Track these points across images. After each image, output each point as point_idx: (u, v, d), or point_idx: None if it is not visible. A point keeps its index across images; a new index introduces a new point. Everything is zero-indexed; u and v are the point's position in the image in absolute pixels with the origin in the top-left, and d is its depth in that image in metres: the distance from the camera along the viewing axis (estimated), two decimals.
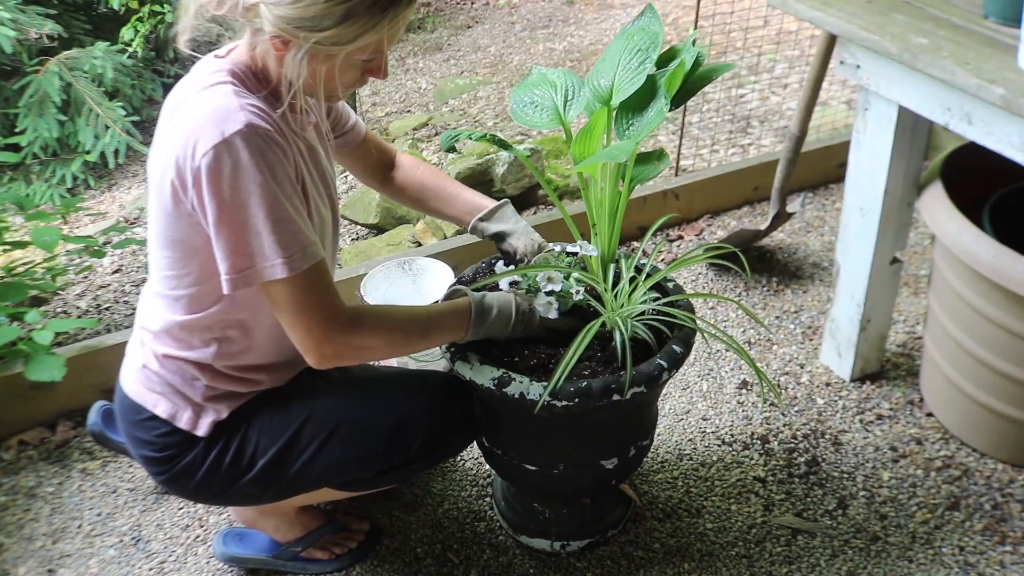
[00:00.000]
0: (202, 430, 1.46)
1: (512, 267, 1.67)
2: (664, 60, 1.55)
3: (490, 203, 1.71)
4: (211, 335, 1.42)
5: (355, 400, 1.53)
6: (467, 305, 1.47)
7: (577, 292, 1.53)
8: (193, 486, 1.49)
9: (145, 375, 1.48)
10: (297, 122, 1.37)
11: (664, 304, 1.56)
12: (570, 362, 1.42)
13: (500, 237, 1.69)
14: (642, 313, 1.55)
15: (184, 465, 1.47)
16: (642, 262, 1.66)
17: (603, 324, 1.50)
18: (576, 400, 1.43)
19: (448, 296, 1.56)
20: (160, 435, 1.47)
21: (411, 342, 1.45)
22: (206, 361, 1.43)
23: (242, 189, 1.23)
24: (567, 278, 1.55)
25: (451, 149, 1.59)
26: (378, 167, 1.75)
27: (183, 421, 1.46)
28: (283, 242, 1.26)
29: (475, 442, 1.69)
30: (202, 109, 1.26)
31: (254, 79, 1.33)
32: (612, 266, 1.62)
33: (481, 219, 1.69)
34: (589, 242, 1.61)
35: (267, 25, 1.23)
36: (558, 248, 1.79)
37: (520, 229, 1.69)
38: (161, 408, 1.46)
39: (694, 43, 1.54)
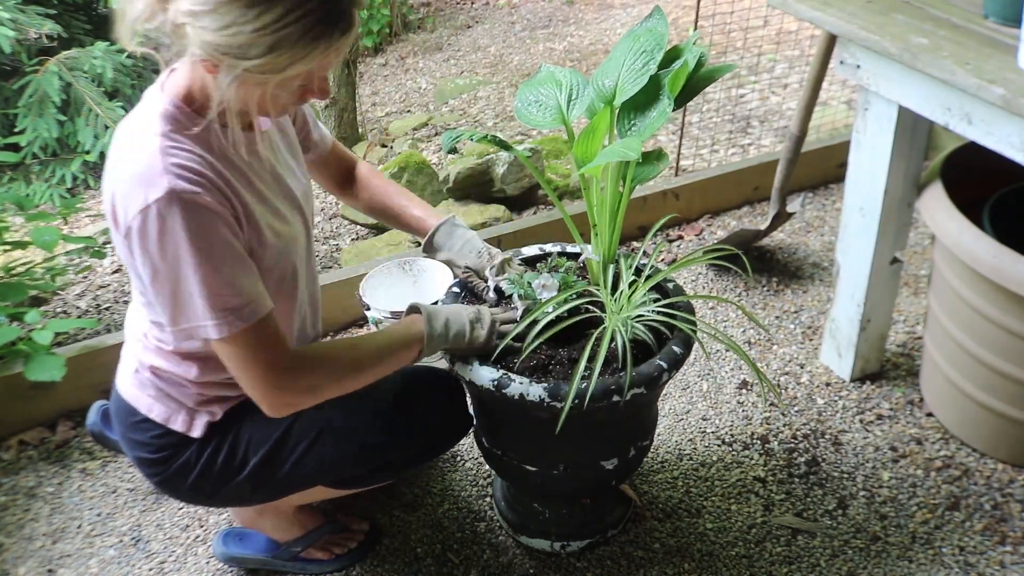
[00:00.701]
0: (197, 431, 1.47)
1: (503, 276, 1.67)
2: (666, 60, 1.55)
3: (431, 220, 1.70)
4: (193, 359, 1.43)
5: (344, 397, 1.53)
6: (419, 327, 1.45)
7: (541, 290, 1.54)
8: (187, 487, 1.50)
9: (139, 379, 1.48)
10: (229, 140, 1.32)
11: (664, 306, 1.56)
12: (584, 371, 1.41)
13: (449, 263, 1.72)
14: (642, 313, 1.55)
15: (178, 466, 1.48)
16: (642, 263, 1.66)
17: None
18: (576, 401, 1.43)
19: (407, 313, 1.53)
20: (155, 436, 1.47)
21: (361, 377, 1.42)
22: (192, 378, 1.44)
23: (169, 254, 1.23)
24: (563, 285, 1.55)
25: (453, 150, 1.59)
26: (339, 176, 1.74)
27: (177, 424, 1.47)
28: (214, 305, 1.25)
29: (475, 442, 1.69)
30: (130, 168, 1.24)
31: (191, 109, 1.29)
32: (612, 267, 1.62)
33: (425, 252, 1.70)
34: (590, 243, 1.61)
35: (194, 48, 1.18)
36: (556, 249, 1.80)
37: (459, 253, 1.68)
38: (155, 412, 1.47)
39: (695, 43, 1.54)
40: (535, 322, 1.48)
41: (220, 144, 1.31)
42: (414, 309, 1.51)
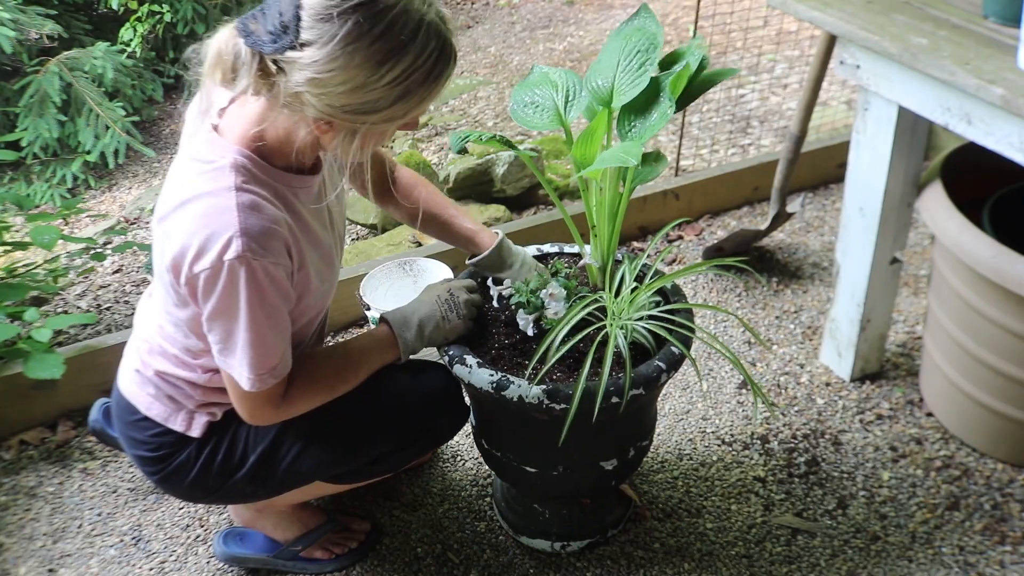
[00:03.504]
0: (196, 431, 1.48)
1: (507, 283, 1.67)
2: (667, 62, 1.55)
3: (486, 237, 1.67)
4: (209, 366, 1.44)
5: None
6: (387, 331, 1.52)
7: (553, 309, 1.54)
8: (186, 485, 1.51)
9: (141, 378, 1.49)
10: (311, 191, 1.38)
11: (665, 311, 1.56)
12: (588, 373, 1.41)
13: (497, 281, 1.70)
14: (641, 317, 1.55)
15: (177, 464, 1.49)
16: (645, 263, 1.66)
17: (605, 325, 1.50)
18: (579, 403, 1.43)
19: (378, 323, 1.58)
20: (154, 435, 1.49)
21: (342, 388, 1.48)
22: (200, 383, 1.45)
23: (230, 308, 1.27)
24: (568, 296, 1.55)
25: (462, 151, 1.59)
26: (376, 180, 1.70)
27: (176, 423, 1.48)
28: (255, 364, 1.31)
29: (475, 443, 1.69)
30: (204, 222, 1.24)
31: (260, 156, 1.30)
32: (610, 268, 1.62)
33: (480, 268, 1.68)
34: (588, 244, 1.61)
35: (311, 111, 1.20)
36: (555, 250, 1.80)
37: (517, 272, 1.67)
38: (154, 411, 1.48)
39: (698, 47, 1.54)
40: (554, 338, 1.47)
41: (285, 193, 1.33)
42: (384, 320, 1.54)
